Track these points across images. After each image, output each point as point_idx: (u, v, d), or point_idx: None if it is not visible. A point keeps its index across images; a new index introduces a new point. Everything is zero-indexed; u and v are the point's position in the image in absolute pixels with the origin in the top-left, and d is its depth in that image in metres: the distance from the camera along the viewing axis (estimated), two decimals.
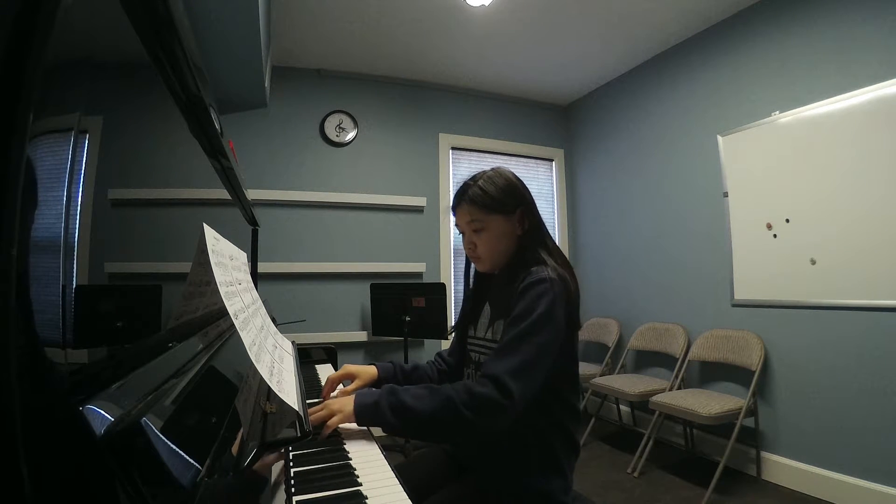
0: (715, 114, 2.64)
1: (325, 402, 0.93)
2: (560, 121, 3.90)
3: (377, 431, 0.92)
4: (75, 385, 0.30)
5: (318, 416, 0.88)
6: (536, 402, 0.96)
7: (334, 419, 0.88)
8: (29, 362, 0.25)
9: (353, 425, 0.93)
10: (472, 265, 1.17)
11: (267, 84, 2.73)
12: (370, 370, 1.16)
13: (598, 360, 3.17)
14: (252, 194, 2.39)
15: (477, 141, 3.55)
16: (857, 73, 2.00)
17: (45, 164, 0.27)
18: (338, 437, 0.91)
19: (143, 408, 0.35)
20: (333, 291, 3.05)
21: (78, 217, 0.33)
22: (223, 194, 1.13)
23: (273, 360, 0.77)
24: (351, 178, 3.17)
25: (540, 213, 1.09)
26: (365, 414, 0.89)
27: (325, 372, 1.58)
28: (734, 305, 2.50)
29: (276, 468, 0.71)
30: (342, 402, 0.91)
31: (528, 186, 1.10)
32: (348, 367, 1.14)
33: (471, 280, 1.20)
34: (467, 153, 3.56)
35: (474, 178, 1.07)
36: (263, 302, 1.14)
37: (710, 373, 2.56)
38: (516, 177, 1.08)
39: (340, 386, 1.16)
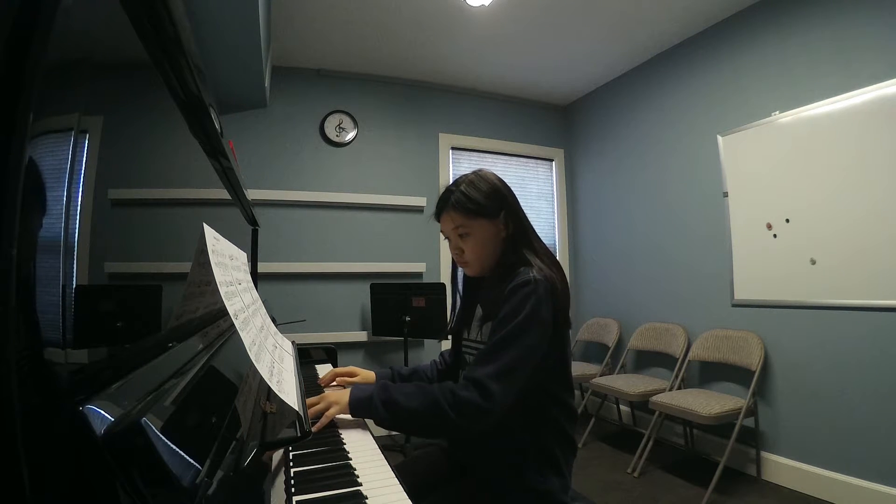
0: (715, 114, 2.64)
1: (324, 394, 0.98)
2: (560, 121, 3.90)
3: (377, 431, 0.93)
4: (76, 385, 0.30)
5: (316, 409, 0.94)
6: (531, 404, 0.97)
7: (332, 410, 0.94)
8: (29, 362, 0.25)
9: (349, 417, 0.98)
10: (459, 269, 1.19)
11: (267, 84, 2.73)
12: (369, 373, 1.25)
13: (598, 360, 3.17)
14: (252, 194, 2.38)
15: (477, 141, 3.55)
16: (857, 73, 1.99)
17: (45, 164, 0.27)
18: (338, 437, 0.91)
19: (143, 408, 0.35)
20: (333, 291, 3.05)
21: (78, 217, 0.33)
22: (223, 194, 1.13)
23: (273, 360, 0.77)
24: (351, 178, 3.17)
25: (526, 213, 1.09)
26: (359, 406, 0.94)
27: (324, 372, 1.58)
28: (734, 305, 2.50)
29: (276, 458, 0.71)
30: (339, 395, 0.96)
31: (513, 187, 1.11)
32: (352, 368, 1.26)
33: (459, 284, 1.21)
34: (467, 153, 3.56)
35: (456, 184, 1.07)
36: (263, 302, 1.14)
37: (710, 373, 2.56)
38: (499, 178, 1.08)
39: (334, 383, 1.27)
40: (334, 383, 1.26)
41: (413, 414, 0.90)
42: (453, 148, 3.51)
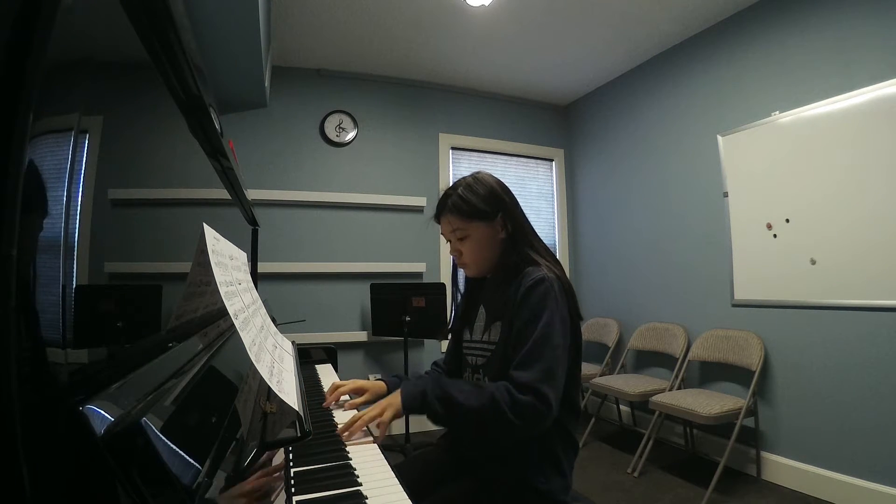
0: (715, 114, 2.64)
1: (375, 404, 0.96)
2: (560, 121, 3.90)
3: (376, 431, 0.92)
4: (75, 385, 0.30)
5: (370, 416, 0.93)
6: None
7: (387, 413, 0.92)
8: (29, 362, 0.25)
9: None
10: (459, 269, 1.19)
11: (267, 84, 2.73)
12: (379, 384, 1.17)
13: (598, 360, 3.17)
14: (252, 194, 2.38)
15: (477, 141, 3.55)
16: (857, 73, 1.99)
17: (45, 164, 0.27)
18: (338, 437, 0.91)
19: (143, 408, 0.35)
20: (333, 291, 3.05)
21: (78, 217, 0.33)
22: (223, 194, 1.13)
23: (273, 360, 0.77)
24: (351, 178, 3.17)
25: (526, 213, 1.10)
26: (412, 403, 0.93)
27: (325, 372, 1.58)
28: (734, 305, 2.49)
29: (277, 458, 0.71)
30: (388, 399, 0.95)
31: (513, 187, 1.13)
32: (358, 382, 1.16)
33: (459, 284, 1.22)
34: (467, 153, 3.56)
35: (454, 187, 1.08)
36: (263, 302, 1.14)
37: (710, 373, 2.56)
38: (497, 181, 1.10)
39: (346, 397, 1.16)
40: (345, 408, 1.12)
41: (470, 412, 0.88)
42: (453, 148, 3.51)
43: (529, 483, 0.95)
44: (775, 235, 2.29)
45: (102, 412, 0.30)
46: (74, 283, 0.33)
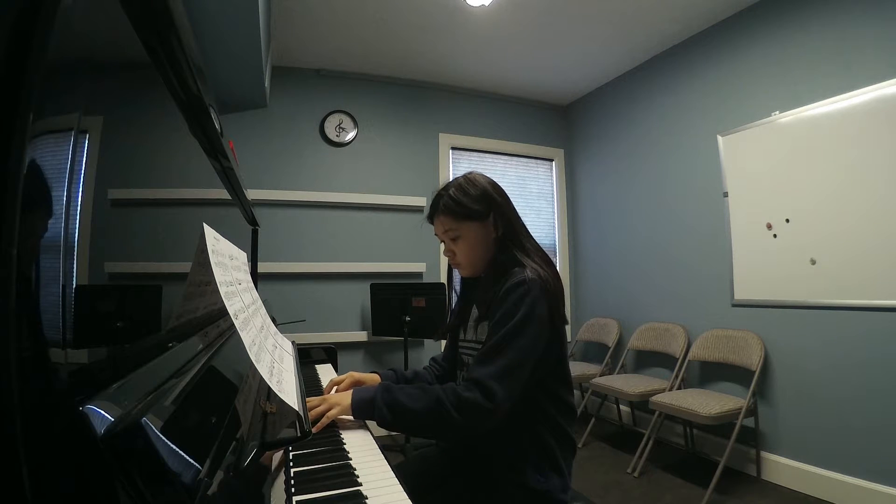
0: (715, 114, 2.64)
1: (325, 396, 0.98)
2: (560, 121, 3.90)
3: (377, 431, 0.93)
4: (76, 385, 0.30)
5: (317, 410, 0.93)
6: (530, 402, 0.97)
7: (333, 411, 0.94)
8: (29, 362, 0.25)
9: (350, 419, 0.97)
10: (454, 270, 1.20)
11: (267, 84, 2.73)
12: (374, 377, 1.19)
13: (598, 360, 3.17)
14: (252, 194, 2.38)
15: (477, 141, 3.55)
16: (857, 73, 2.00)
17: (45, 164, 0.27)
18: (338, 437, 0.91)
19: (143, 408, 0.35)
20: (333, 291, 3.05)
21: (78, 217, 0.33)
22: (223, 194, 1.13)
23: (273, 360, 0.77)
24: (351, 178, 3.17)
25: (525, 213, 1.11)
26: (362, 408, 0.94)
27: (325, 372, 1.58)
28: (734, 305, 2.50)
29: (276, 460, 0.71)
30: (340, 396, 0.97)
31: (513, 187, 1.13)
32: (354, 375, 1.17)
33: (455, 284, 1.22)
34: (467, 153, 3.56)
35: (445, 188, 1.08)
36: (263, 302, 1.14)
37: (710, 373, 2.56)
38: (489, 181, 1.10)
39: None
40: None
41: (416, 415, 0.90)
42: (453, 148, 3.51)
43: (528, 483, 0.95)
44: (775, 235, 2.29)
45: (103, 412, 0.30)
46: (74, 283, 0.33)
